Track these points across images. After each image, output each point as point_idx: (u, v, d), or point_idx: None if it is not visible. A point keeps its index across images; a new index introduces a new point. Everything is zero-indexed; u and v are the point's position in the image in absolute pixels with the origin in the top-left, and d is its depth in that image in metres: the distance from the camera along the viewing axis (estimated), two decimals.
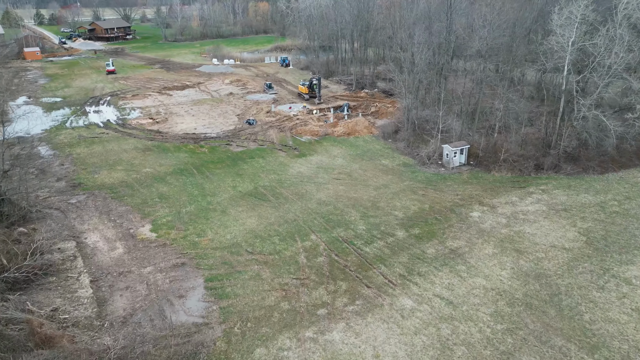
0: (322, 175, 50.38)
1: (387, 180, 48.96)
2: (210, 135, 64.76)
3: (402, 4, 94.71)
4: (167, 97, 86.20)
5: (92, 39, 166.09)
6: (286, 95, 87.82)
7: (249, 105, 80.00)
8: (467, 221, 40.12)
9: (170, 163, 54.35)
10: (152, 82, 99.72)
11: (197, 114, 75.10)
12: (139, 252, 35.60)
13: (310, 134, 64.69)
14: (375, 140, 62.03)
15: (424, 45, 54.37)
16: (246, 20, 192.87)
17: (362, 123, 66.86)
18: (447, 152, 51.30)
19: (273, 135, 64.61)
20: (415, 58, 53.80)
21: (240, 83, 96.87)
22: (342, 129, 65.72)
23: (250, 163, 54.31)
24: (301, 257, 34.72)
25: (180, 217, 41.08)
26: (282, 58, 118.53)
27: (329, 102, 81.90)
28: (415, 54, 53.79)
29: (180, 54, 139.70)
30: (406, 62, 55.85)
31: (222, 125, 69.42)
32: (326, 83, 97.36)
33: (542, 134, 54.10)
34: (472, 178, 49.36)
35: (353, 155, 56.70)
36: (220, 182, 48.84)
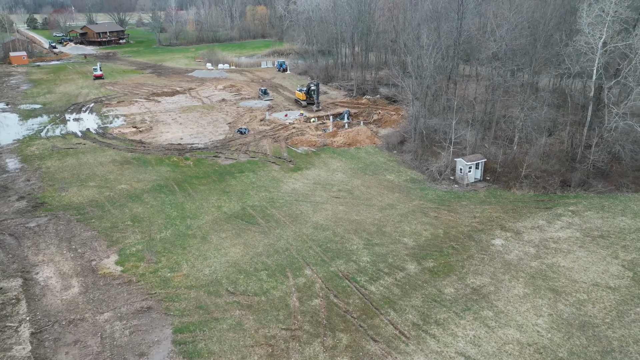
0: (319, 193, 44.47)
1: (393, 199, 43.02)
2: (197, 146, 58.91)
3: (406, 5, 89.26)
4: (154, 104, 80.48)
5: (84, 43, 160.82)
6: (282, 101, 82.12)
7: (241, 113, 74.26)
8: (489, 251, 34.14)
9: (150, 178, 48.43)
10: (140, 87, 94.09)
11: (185, 122, 69.32)
12: (98, 292, 29.58)
13: (307, 145, 58.86)
14: (379, 152, 56.16)
15: (433, 47, 48.66)
16: (243, 24, 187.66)
17: (364, 132, 61.02)
18: (461, 166, 45.42)
19: (266, 145, 58.77)
20: (423, 61, 48.14)
21: (234, 89, 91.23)
22: (342, 139, 59.88)
23: (239, 178, 48.41)
24: (293, 299, 28.72)
25: (152, 246, 35.08)
26: (279, 62, 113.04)
27: (328, 110, 76.17)
28: (423, 56, 48.11)
29: (174, 58, 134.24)
30: (413, 66, 50.09)
31: (211, 134, 63.60)
32: (325, 89, 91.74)
33: (567, 146, 48.24)
34: (490, 197, 43.43)
35: (354, 169, 50.82)
36: (203, 201, 42.91)
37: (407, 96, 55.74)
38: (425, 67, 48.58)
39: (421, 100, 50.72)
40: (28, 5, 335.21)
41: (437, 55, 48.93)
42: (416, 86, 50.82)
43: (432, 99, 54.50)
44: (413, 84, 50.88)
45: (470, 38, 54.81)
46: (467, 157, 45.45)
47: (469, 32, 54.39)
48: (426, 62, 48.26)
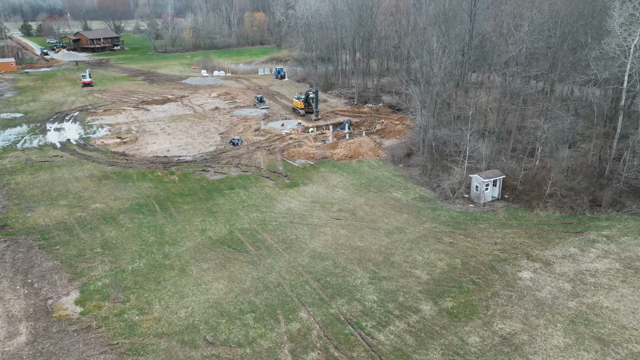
0: (317, 214, 39.43)
1: (401, 221, 37.98)
2: (185, 159, 53.97)
3: (410, 9, 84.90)
4: (143, 113, 75.70)
5: (77, 50, 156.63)
6: (279, 110, 77.35)
7: (235, 122, 69.43)
8: (517, 286, 29.06)
9: (129, 196, 43.42)
10: (130, 95, 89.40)
11: (174, 132, 64.44)
12: (49, 342, 24.43)
13: (305, 157, 53.93)
14: (383, 166, 51.21)
15: (443, 51, 43.90)
16: (241, 30, 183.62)
17: (367, 144, 56.13)
18: (477, 183, 40.43)
19: (260, 158, 53.83)
20: (433, 66, 43.36)
21: (228, 97, 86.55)
22: (343, 151, 54.96)
23: (229, 196, 43.40)
24: (284, 352, 23.58)
25: (121, 280, 29.99)
26: (277, 69, 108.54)
27: (328, 119, 71.39)
28: (433, 61, 43.33)
29: (168, 65, 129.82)
30: (422, 72, 45.27)
31: (201, 145, 58.67)
32: (324, 96, 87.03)
33: (593, 161, 43.30)
34: (510, 218, 38.38)
35: (357, 185, 45.84)
36: (186, 223, 37.85)
37: (414, 105, 50.93)
38: (435, 73, 43.79)
39: (430, 109, 45.85)
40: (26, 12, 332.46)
41: (447, 61, 44.17)
42: (424, 94, 45.96)
43: (441, 108, 49.59)
44: (421, 91, 46.03)
45: (483, 41, 50.08)
46: (483, 173, 40.48)
47: (483, 34, 49.66)
48: (436, 68, 43.47)
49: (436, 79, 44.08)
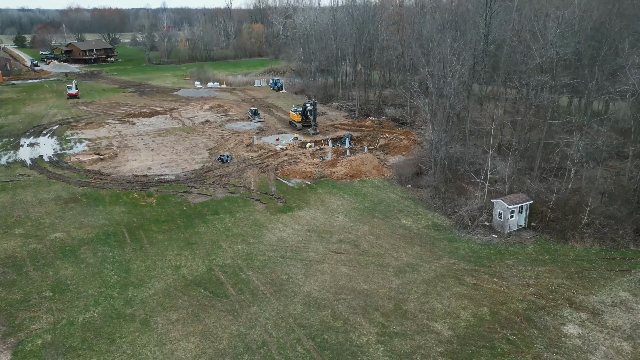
0: (314, 245, 33.56)
1: (413, 255, 32.08)
2: (167, 178, 48.24)
3: (415, 17, 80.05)
4: (128, 126, 70.22)
5: (69, 61, 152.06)
6: (275, 123, 71.89)
7: (226, 137, 63.86)
8: (563, 347, 23.07)
9: (96, 223, 37.59)
10: (117, 107, 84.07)
11: (158, 148, 58.82)
12: None
13: (301, 176, 48.23)
14: (389, 186, 45.45)
15: (457, 58, 38.43)
16: (239, 42, 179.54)
17: (370, 161, 50.43)
18: (501, 210, 34.60)
19: (251, 177, 48.11)
20: (446, 75, 37.78)
21: (221, 109, 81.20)
22: (344, 169, 49.26)
23: (212, 223, 37.56)
24: None
25: (65, 338, 23.99)
26: (274, 81, 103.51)
27: (327, 133, 65.88)
28: (446, 69, 37.76)
29: (162, 76, 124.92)
30: (433, 81, 39.69)
31: (187, 163, 52.98)
32: (323, 109, 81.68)
33: (633, 183, 37.52)
34: (542, 252, 32.50)
35: (360, 209, 40.03)
36: (158, 258, 31.97)
37: (422, 118, 45.43)
38: (448, 82, 38.24)
39: (441, 123, 40.22)
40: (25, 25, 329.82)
41: (463, 69, 38.63)
42: (435, 106, 40.37)
43: (454, 122, 43.96)
44: (432, 103, 40.43)
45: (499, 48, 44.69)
46: (508, 198, 34.67)
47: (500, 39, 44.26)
48: (449, 77, 37.94)
49: (449, 90, 38.52)
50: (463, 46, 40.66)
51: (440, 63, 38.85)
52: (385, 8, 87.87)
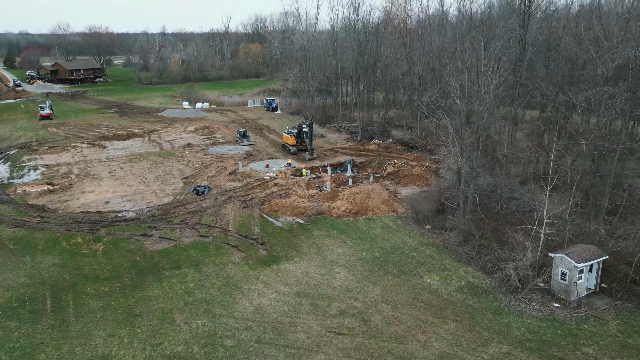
0: (305, 321, 23.80)
1: (447, 337, 22.29)
2: (125, 216, 38.73)
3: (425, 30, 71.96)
4: (97, 150, 61.08)
5: (54, 82, 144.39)
6: (266, 147, 62.82)
7: (207, 162, 54.63)
8: None
9: (13, 282, 27.93)
10: (91, 129, 75.18)
11: (125, 176, 49.50)
12: None
13: (292, 213, 38.75)
14: (403, 227, 35.88)
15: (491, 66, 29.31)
16: (235, 62, 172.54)
17: (378, 193, 40.96)
18: (565, 269, 24.92)
19: (230, 214, 38.60)
20: (480, 87, 28.59)
21: (207, 131, 72.26)
22: (346, 204, 39.79)
23: (168, 281, 27.89)
24: None
25: None
26: (268, 101, 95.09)
27: (325, 158, 56.70)
28: (480, 81, 28.49)
29: (149, 97, 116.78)
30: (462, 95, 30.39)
31: (154, 195, 43.57)
32: (322, 131, 72.82)
33: None
34: (630, 332, 22.71)
35: (368, 260, 30.41)
36: (80, 343, 22.19)
37: (443, 141, 36.26)
38: (482, 96, 29.03)
39: (471, 148, 30.86)
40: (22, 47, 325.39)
41: (499, 80, 29.37)
42: (462, 127, 31.08)
43: (486, 146, 34.54)
44: (460, 123, 31.14)
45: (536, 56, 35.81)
46: (573, 252, 25.07)
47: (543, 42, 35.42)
48: (483, 89, 28.73)
49: (481, 107, 29.30)
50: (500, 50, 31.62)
51: (470, 72, 29.71)
52: (390, 20, 79.79)
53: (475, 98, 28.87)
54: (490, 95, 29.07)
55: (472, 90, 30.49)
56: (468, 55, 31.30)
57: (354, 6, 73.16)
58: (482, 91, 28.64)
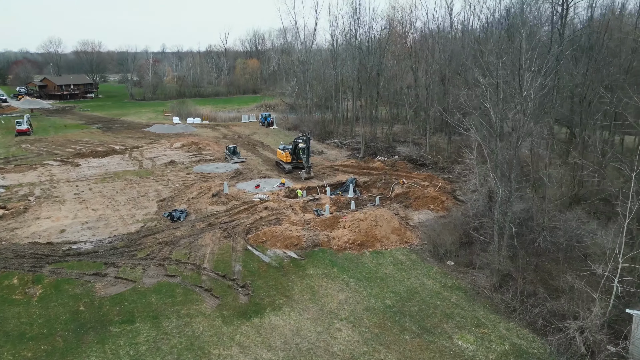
0: None
1: None
2: (81, 248, 31.89)
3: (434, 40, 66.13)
4: (68, 169, 54.51)
5: (43, 97, 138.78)
6: (258, 164, 56.29)
7: (190, 182, 47.99)
8: None
9: None
10: (68, 146, 68.81)
11: (92, 199, 42.78)
12: None
13: (283, 244, 31.93)
14: (420, 264, 29.02)
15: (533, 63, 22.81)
16: (232, 78, 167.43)
17: (387, 220, 34.14)
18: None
19: (208, 246, 31.80)
20: (522, 88, 21.97)
21: (194, 147, 65.82)
22: (349, 234, 32.98)
23: (114, 343, 20.96)
24: None
25: None
26: (263, 115, 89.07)
27: (324, 177, 50.11)
28: (522, 81, 21.85)
29: (140, 112, 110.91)
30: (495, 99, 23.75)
31: (120, 222, 36.78)
32: (320, 147, 66.56)
33: None
34: None
35: (378, 311, 23.48)
36: None
37: (468, 158, 29.65)
38: (523, 99, 22.40)
39: (506, 167, 24.20)
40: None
41: (544, 79, 22.83)
42: (494, 141, 24.44)
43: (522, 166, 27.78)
44: (494, 133, 24.47)
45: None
46: None
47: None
48: (525, 91, 22.13)
49: (521, 116, 22.67)
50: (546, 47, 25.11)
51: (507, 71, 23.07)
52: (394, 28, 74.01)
53: (515, 101, 22.30)
54: (533, 98, 22.52)
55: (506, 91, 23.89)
56: (504, 47, 24.86)
57: (355, 14, 67.38)
58: (524, 93, 22.14)
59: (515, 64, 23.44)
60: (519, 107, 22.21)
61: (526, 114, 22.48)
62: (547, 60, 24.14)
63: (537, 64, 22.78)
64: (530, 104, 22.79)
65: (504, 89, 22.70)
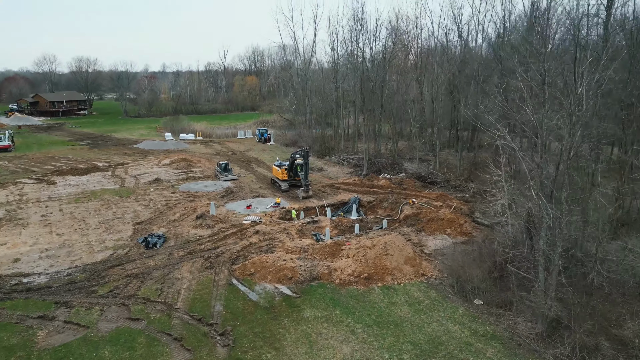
0: None
1: None
2: (33, 282, 26.58)
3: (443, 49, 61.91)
4: (42, 187, 49.45)
5: (34, 114, 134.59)
6: (251, 182, 51.28)
7: (174, 202, 42.87)
8: None
9: None
10: (48, 162, 63.91)
11: (60, 222, 37.60)
12: None
13: (275, 278, 26.62)
14: (441, 302, 23.71)
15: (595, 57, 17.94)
16: (231, 96, 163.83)
17: (399, 248, 28.84)
18: None
19: (185, 279, 26.51)
20: (576, 83, 17.18)
21: (183, 164, 60.87)
22: (354, 264, 27.69)
23: None
24: None
25: None
26: (260, 131, 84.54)
27: (325, 196, 45.00)
28: (579, 78, 17.09)
29: (132, 129, 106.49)
30: (542, 93, 18.79)
31: (87, 249, 31.54)
32: (320, 164, 61.76)
33: None
34: None
35: None
36: None
37: (495, 175, 24.65)
38: (578, 100, 17.45)
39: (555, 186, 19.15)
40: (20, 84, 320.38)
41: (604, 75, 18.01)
42: (543, 149, 19.46)
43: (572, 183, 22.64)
44: (541, 143, 19.39)
45: None
46: None
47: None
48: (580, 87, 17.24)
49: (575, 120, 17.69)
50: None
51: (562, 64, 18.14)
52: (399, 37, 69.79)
53: (569, 100, 17.35)
54: (591, 99, 17.60)
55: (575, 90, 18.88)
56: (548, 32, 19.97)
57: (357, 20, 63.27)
58: (579, 90, 17.27)
59: (563, 58, 18.60)
60: (573, 108, 17.30)
61: (582, 117, 17.57)
62: (607, 48, 19.35)
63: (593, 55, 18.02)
64: (586, 105, 17.85)
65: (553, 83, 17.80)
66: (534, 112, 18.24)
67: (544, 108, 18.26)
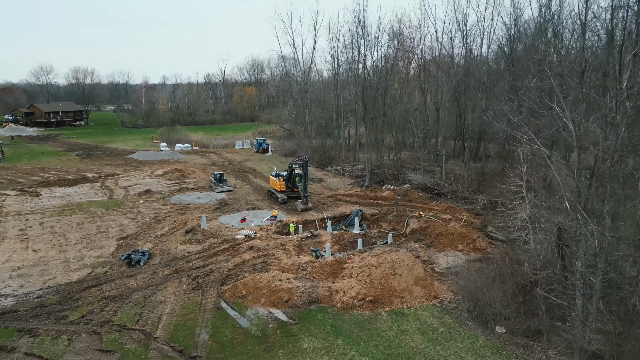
0: None
1: None
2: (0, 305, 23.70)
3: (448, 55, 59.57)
4: (25, 199, 46.69)
5: (29, 124, 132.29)
6: (247, 194, 48.52)
7: (164, 215, 40.02)
8: None
9: None
10: (36, 173, 61.20)
11: (39, 236, 34.74)
12: None
13: (269, 301, 23.68)
14: (457, 330, 20.78)
15: None
16: (230, 106, 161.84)
17: (409, 267, 25.90)
18: None
19: (169, 302, 23.59)
20: (618, 79, 14.76)
21: (177, 175, 58.13)
22: (358, 285, 24.77)
23: None
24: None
25: None
26: (258, 141, 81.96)
27: (324, 208, 42.16)
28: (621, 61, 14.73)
29: (127, 139, 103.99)
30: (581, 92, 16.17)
31: (63, 267, 28.66)
32: (320, 174, 59.06)
33: None
34: None
35: None
36: None
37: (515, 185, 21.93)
38: (619, 98, 15.02)
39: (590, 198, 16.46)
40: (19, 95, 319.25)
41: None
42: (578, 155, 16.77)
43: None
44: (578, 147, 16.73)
45: None
46: None
47: None
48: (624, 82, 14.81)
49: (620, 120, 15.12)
50: None
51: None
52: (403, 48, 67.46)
53: (612, 96, 14.71)
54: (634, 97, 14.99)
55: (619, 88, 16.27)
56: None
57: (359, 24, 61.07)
58: (624, 83, 14.65)
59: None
60: (617, 103, 14.67)
61: (625, 116, 14.92)
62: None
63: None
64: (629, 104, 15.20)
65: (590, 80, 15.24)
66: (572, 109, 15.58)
67: (582, 106, 15.62)
